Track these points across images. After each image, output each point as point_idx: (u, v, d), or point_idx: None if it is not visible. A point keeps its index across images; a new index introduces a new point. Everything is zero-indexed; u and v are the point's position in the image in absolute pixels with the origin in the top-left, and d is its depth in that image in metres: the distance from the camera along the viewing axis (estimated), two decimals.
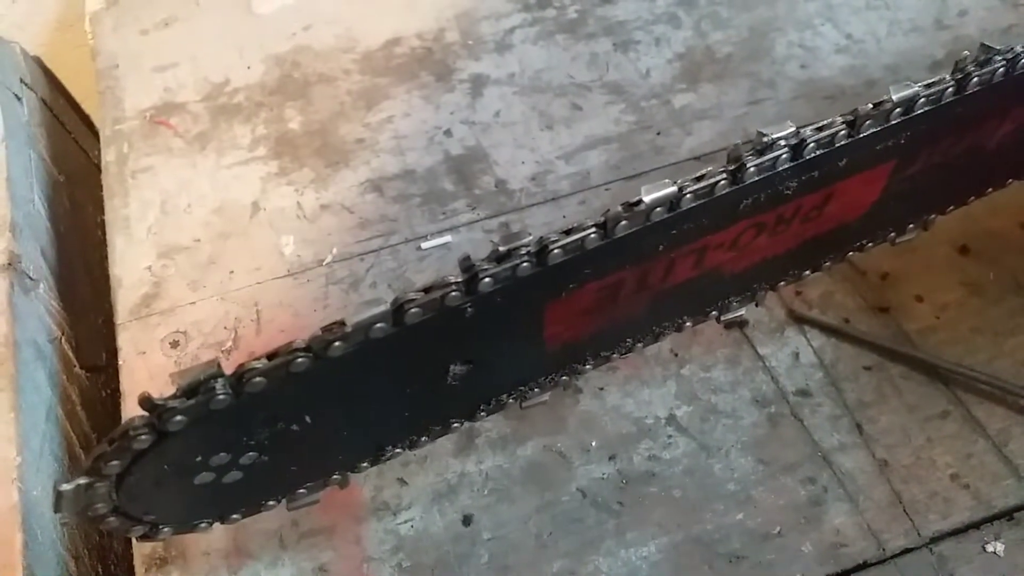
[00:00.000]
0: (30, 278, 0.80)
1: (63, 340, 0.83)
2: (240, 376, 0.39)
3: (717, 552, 0.62)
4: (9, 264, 0.77)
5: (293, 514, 0.64)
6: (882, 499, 0.64)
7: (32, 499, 0.66)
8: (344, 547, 0.63)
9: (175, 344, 0.73)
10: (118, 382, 0.74)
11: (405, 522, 0.64)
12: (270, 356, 0.40)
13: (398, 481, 0.66)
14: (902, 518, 0.63)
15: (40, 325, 0.79)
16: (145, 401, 0.38)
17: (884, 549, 0.62)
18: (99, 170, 1.01)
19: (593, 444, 0.67)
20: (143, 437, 0.38)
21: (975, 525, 0.63)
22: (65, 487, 0.38)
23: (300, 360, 0.39)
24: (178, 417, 0.38)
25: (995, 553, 0.62)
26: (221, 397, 0.38)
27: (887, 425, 0.67)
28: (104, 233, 0.89)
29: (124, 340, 0.73)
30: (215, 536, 0.64)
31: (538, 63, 0.90)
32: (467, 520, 0.64)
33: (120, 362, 0.72)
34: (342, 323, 0.40)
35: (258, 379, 0.39)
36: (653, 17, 0.93)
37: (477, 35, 0.93)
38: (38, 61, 1.04)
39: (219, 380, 0.39)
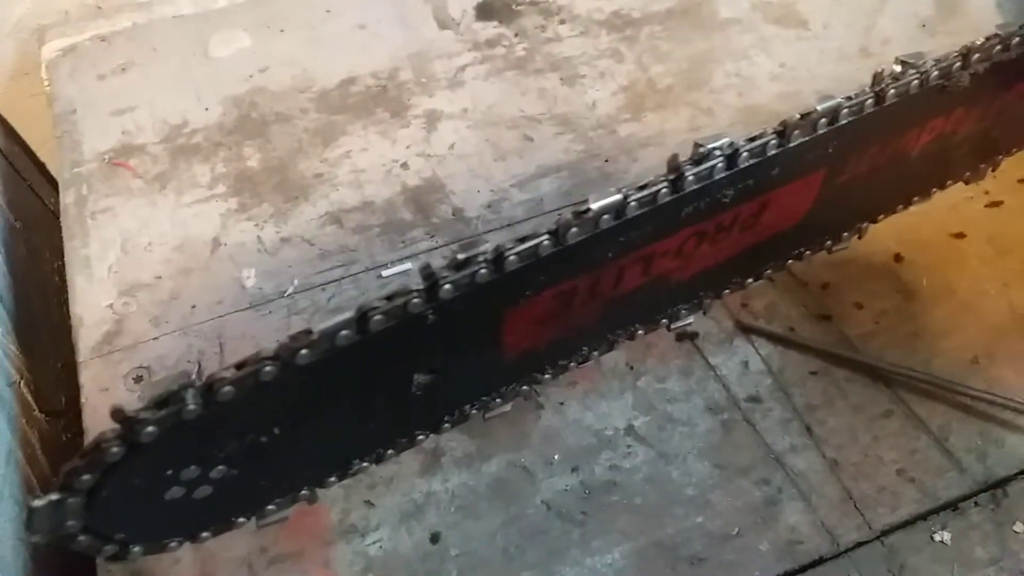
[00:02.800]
0: None
1: (22, 384, 0.82)
2: (210, 386, 0.40)
3: (679, 555, 0.64)
4: None
5: (261, 540, 0.65)
6: (834, 496, 0.66)
7: None
8: (313, 571, 0.64)
9: (139, 379, 0.73)
10: (78, 426, 0.74)
11: (374, 543, 0.65)
12: (239, 365, 0.41)
13: (365, 503, 0.67)
14: (853, 513, 0.66)
15: None
16: (117, 412, 0.39)
17: (838, 544, 0.64)
18: (55, 216, 1.01)
19: (556, 457, 0.68)
20: (115, 449, 0.39)
21: (922, 516, 0.66)
22: (37, 503, 0.39)
23: (268, 368, 0.41)
24: (149, 428, 0.39)
25: (943, 542, 0.64)
26: (192, 407, 0.40)
27: (835, 426, 0.70)
28: (61, 278, 0.89)
29: (86, 378, 0.74)
30: (183, 566, 0.64)
31: (489, 98, 0.94)
32: (435, 538, 0.65)
33: (83, 399, 0.72)
34: (309, 331, 0.42)
35: (227, 388, 0.40)
36: (597, 52, 0.98)
37: (430, 73, 0.97)
38: None
39: (190, 390, 0.40)
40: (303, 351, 0.41)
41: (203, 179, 0.87)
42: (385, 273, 0.79)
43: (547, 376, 0.58)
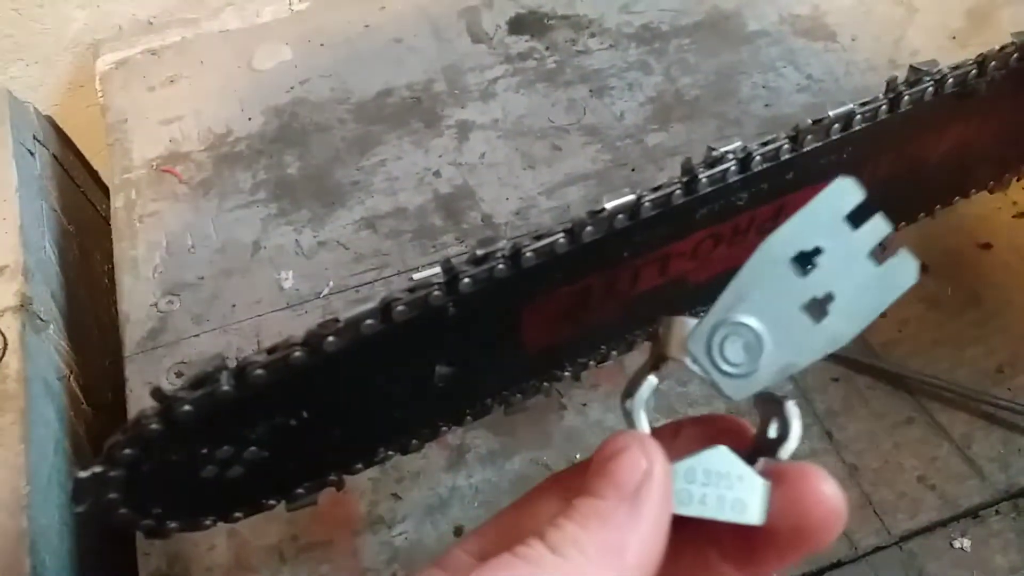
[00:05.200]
0: (41, 319, 0.84)
1: (71, 379, 0.87)
2: (243, 368, 0.43)
3: None
4: (21, 305, 0.82)
5: (292, 529, 0.68)
6: (853, 501, 0.67)
7: (40, 527, 0.70)
8: (341, 559, 0.66)
9: (180, 374, 0.76)
10: (122, 419, 0.77)
11: (399, 534, 0.67)
12: (270, 351, 0.44)
13: (392, 496, 0.69)
14: (873, 518, 0.66)
15: (49, 363, 0.83)
16: (156, 392, 0.42)
17: (856, 548, 0.65)
18: (106, 221, 1.06)
19: (578, 456, 0.70)
20: (154, 426, 0.42)
21: (942, 523, 0.66)
22: (82, 474, 0.42)
23: (297, 354, 0.43)
24: (186, 407, 0.42)
25: (962, 549, 0.65)
26: (225, 388, 0.42)
27: (855, 432, 0.70)
28: (110, 280, 0.93)
29: (132, 371, 0.77)
30: (218, 552, 0.67)
31: (520, 109, 0.96)
32: (458, 531, 0.67)
33: (127, 391, 0.76)
34: (336, 319, 0.44)
35: (259, 372, 0.43)
36: (626, 65, 1.00)
37: (463, 85, 1.00)
38: (49, 120, 1.10)
39: (223, 372, 0.43)
40: (330, 338, 0.44)
41: (245, 185, 0.91)
42: (415, 276, 0.81)
43: (567, 373, 0.59)
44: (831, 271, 0.35)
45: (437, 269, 0.49)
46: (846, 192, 0.35)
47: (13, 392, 0.75)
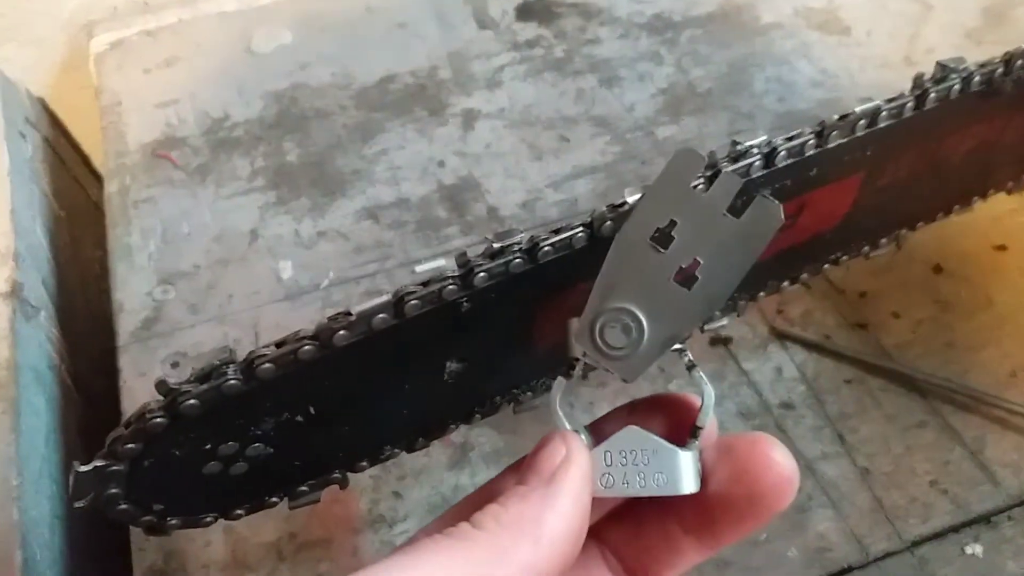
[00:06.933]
0: (32, 306, 0.82)
1: (62, 368, 0.84)
2: (251, 362, 0.41)
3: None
4: (12, 292, 0.79)
5: (291, 527, 0.66)
6: (864, 505, 0.66)
7: (31, 519, 0.67)
8: (341, 558, 0.65)
9: (175, 365, 0.74)
10: (114, 411, 0.75)
11: (401, 533, 0.66)
12: (279, 344, 0.42)
13: (394, 495, 0.68)
14: (884, 523, 0.65)
15: (40, 352, 0.81)
16: (161, 384, 0.40)
17: (867, 553, 0.63)
18: (97, 207, 1.04)
19: None
20: (158, 420, 0.40)
21: (954, 529, 0.65)
22: (83, 468, 0.40)
23: (307, 348, 0.42)
24: (191, 400, 0.40)
25: (974, 555, 0.63)
26: (232, 382, 0.41)
27: (867, 435, 0.69)
28: (101, 267, 0.91)
29: (125, 362, 0.75)
30: (214, 549, 0.65)
31: (527, 98, 0.94)
32: None
33: (121, 382, 0.74)
34: (348, 313, 0.43)
35: (267, 365, 0.41)
36: (637, 55, 0.98)
37: (468, 73, 0.98)
38: (42, 102, 1.08)
39: (231, 365, 0.41)
40: (342, 331, 0.42)
41: (243, 172, 0.89)
42: (418, 268, 0.80)
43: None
44: (690, 238, 0.36)
45: (441, 262, 0.47)
46: (687, 162, 0.36)
47: (3, 381, 0.73)
